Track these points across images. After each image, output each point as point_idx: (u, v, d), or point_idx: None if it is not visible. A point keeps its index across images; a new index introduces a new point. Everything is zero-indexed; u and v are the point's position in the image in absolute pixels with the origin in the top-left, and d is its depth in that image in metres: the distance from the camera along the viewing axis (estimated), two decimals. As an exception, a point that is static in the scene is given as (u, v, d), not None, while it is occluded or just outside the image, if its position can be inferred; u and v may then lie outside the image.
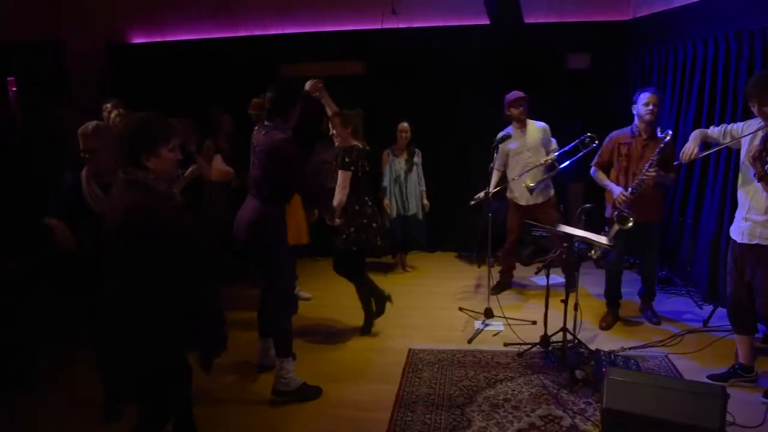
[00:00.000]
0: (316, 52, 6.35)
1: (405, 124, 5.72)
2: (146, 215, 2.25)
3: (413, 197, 5.83)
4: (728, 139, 3.50)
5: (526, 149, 4.99)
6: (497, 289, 5.22)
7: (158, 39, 6.60)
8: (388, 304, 4.58)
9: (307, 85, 4.06)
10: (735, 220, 3.47)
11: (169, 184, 2.41)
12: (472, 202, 4.97)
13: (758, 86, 3.16)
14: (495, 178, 5.03)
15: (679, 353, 3.93)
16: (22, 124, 5.71)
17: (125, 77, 6.50)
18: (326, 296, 4.58)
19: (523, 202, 5.06)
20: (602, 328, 4.48)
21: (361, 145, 4.17)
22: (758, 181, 3.18)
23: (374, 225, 4.23)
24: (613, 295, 4.54)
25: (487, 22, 5.60)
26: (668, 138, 4.00)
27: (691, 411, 2.70)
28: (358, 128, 4.23)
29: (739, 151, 3.48)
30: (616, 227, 4.11)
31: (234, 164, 5.01)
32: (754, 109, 3.22)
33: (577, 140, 4.74)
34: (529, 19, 5.53)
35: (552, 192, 5.18)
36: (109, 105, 4.56)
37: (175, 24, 6.57)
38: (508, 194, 5.19)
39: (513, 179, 5.02)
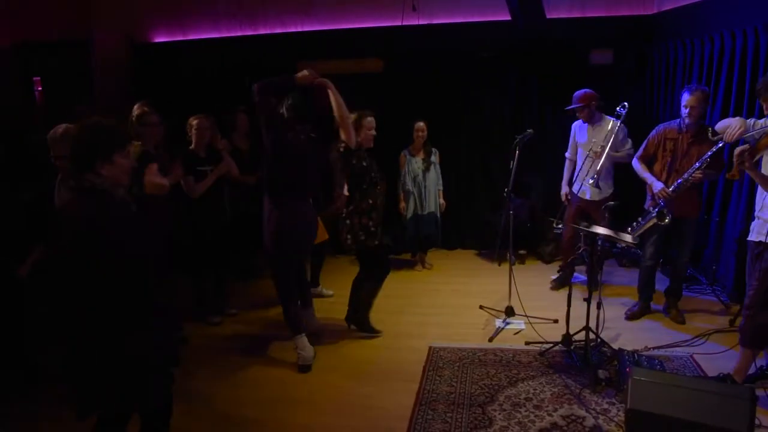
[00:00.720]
0: (336, 50, 6.38)
1: (421, 124, 5.70)
2: (102, 223, 2.22)
3: (431, 196, 5.80)
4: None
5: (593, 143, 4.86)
6: (557, 284, 5.27)
7: (180, 38, 6.68)
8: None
9: (301, 75, 3.77)
10: (758, 219, 3.39)
11: (124, 191, 2.38)
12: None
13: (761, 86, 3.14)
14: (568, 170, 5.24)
15: (704, 353, 3.86)
16: (46, 124, 5.81)
17: (148, 76, 6.59)
18: (347, 294, 4.57)
19: (587, 197, 5.01)
20: (627, 317, 4.51)
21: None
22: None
23: (370, 224, 4.12)
24: (646, 289, 4.54)
25: (508, 18, 5.55)
26: (720, 144, 3.85)
27: (718, 413, 2.64)
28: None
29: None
30: (653, 220, 4.10)
31: (251, 163, 5.04)
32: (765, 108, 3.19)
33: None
34: (550, 15, 5.46)
35: (610, 190, 5.02)
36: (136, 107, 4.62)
37: (196, 22, 6.64)
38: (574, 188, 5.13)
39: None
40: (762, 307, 3.25)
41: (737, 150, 3.21)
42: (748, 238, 3.42)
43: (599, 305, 3.77)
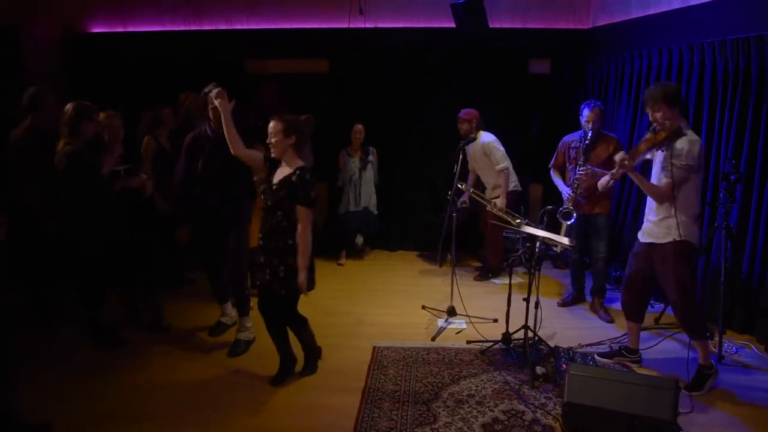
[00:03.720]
0: (282, 49, 6.34)
1: (359, 126, 6.05)
2: None
3: (365, 193, 6.15)
4: None
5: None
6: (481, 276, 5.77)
7: (119, 29, 6.43)
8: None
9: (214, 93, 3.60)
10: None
11: None
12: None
13: (650, 95, 3.47)
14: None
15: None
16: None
17: (83, 67, 6.30)
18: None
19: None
20: (559, 304, 5.00)
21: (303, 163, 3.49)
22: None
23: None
24: (576, 279, 5.05)
25: (452, 25, 5.69)
26: (587, 141, 4.45)
27: (646, 403, 2.84)
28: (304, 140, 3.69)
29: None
30: (563, 223, 4.53)
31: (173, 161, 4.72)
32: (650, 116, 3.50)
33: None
34: (493, 24, 5.65)
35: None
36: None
37: (137, 14, 6.41)
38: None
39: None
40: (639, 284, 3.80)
41: (618, 155, 3.48)
42: (641, 240, 3.73)
43: (537, 305, 3.94)
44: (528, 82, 6.44)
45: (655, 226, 3.56)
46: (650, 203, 3.63)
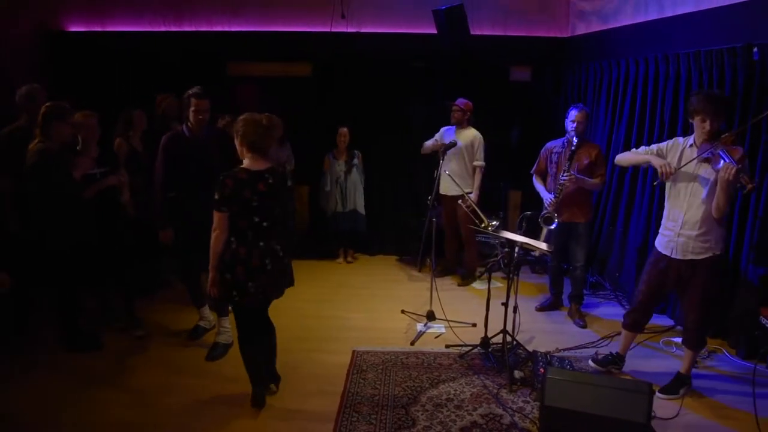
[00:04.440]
0: (264, 52, 6.32)
1: (345, 129, 6.08)
2: None
3: (351, 195, 6.20)
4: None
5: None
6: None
7: (98, 29, 6.34)
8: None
9: None
10: (664, 234, 3.58)
11: None
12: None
13: (707, 102, 3.28)
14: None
15: (609, 353, 4.15)
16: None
17: (60, 67, 6.20)
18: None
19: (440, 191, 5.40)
20: (537, 309, 5.04)
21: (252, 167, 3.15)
22: (743, 192, 3.30)
23: (248, 280, 3.14)
24: (554, 285, 5.06)
25: (434, 31, 5.74)
26: (574, 146, 4.46)
27: (621, 406, 2.88)
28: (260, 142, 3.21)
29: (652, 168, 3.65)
30: (543, 228, 4.56)
31: (148, 165, 4.60)
32: (704, 125, 3.31)
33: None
34: (474, 31, 5.71)
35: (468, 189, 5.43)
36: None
37: (116, 14, 6.32)
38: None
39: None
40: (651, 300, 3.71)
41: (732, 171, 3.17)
42: (671, 255, 3.52)
43: (515, 309, 3.97)
44: (509, 89, 6.51)
45: (694, 240, 3.39)
46: (692, 216, 3.38)
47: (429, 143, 5.57)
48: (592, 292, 5.43)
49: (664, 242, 3.57)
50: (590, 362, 3.99)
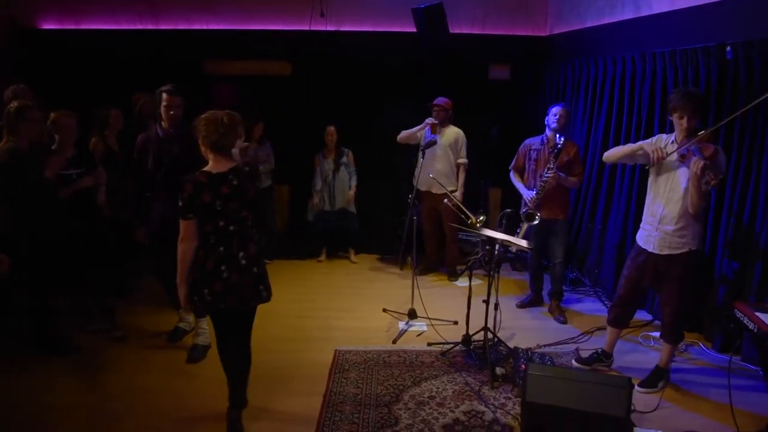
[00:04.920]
0: (243, 51, 6.27)
1: (332, 128, 6.05)
2: None
3: (340, 194, 6.17)
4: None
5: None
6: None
7: (72, 26, 6.21)
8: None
9: None
10: (644, 229, 3.64)
11: None
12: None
13: (685, 100, 3.33)
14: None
15: (588, 348, 4.18)
16: None
17: (32, 65, 6.07)
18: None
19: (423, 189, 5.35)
20: (517, 305, 5.07)
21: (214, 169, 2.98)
22: (710, 188, 3.26)
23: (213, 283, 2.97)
24: (534, 281, 5.09)
25: (414, 29, 5.74)
26: (560, 144, 4.48)
27: (601, 401, 2.91)
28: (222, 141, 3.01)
29: (641, 164, 3.73)
30: (525, 225, 4.59)
31: (125, 165, 4.66)
32: (681, 122, 3.35)
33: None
34: (454, 30, 5.73)
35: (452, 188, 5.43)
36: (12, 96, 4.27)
37: (90, 11, 6.20)
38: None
39: None
40: (633, 295, 3.77)
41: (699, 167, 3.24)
42: (650, 250, 3.56)
43: (496, 307, 4.00)
44: (488, 88, 6.54)
45: (671, 235, 3.44)
46: (670, 211, 3.43)
47: (406, 132, 5.50)
48: (572, 288, 5.49)
49: (644, 236, 3.63)
50: (573, 362, 4.00)
